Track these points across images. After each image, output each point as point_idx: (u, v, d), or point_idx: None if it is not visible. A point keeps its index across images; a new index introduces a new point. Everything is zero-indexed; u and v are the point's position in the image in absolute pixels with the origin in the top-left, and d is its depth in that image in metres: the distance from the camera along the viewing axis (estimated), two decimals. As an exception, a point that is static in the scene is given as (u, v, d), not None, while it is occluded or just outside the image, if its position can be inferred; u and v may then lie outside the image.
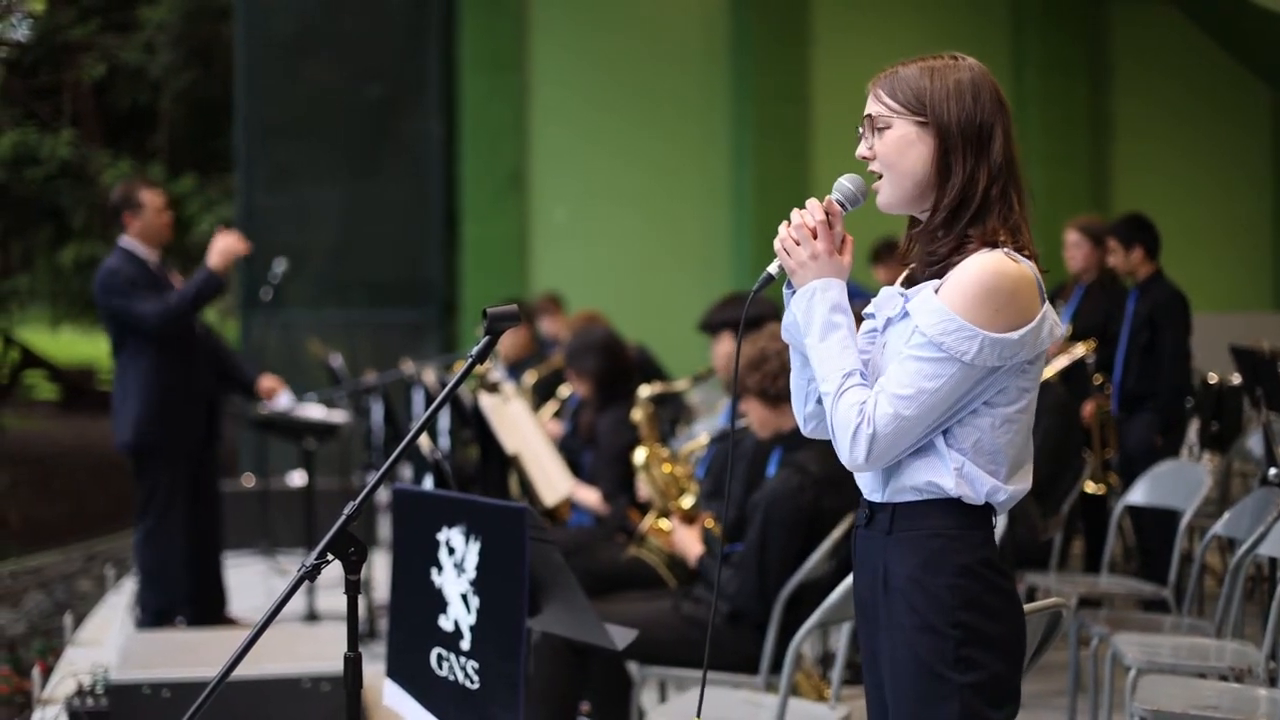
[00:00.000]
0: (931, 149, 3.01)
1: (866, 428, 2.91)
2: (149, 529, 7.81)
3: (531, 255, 13.60)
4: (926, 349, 2.90)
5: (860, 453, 2.93)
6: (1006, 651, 2.98)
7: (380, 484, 3.12)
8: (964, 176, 2.99)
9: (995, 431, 2.96)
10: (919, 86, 3.03)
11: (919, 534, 3.00)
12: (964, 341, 2.87)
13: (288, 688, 5.90)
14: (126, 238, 7.91)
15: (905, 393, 2.90)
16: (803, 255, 3.05)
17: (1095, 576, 6.98)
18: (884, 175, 3.08)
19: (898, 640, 3.02)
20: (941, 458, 2.96)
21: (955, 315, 2.88)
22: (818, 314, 3.02)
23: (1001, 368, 2.91)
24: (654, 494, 6.24)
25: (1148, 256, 8.06)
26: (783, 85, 13.68)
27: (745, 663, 5.14)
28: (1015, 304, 2.90)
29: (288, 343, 13.22)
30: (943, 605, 2.94)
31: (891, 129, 3.05)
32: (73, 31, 18.96)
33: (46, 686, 6.95)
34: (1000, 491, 2.97)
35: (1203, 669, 5.03)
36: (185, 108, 19.75)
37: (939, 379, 2.89)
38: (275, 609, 2.96)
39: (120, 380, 7.83)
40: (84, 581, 11.93)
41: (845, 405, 2.95)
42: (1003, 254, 2.93)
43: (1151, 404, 7.94)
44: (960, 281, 2.91)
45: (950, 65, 3.05)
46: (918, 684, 2.98)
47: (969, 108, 3.00)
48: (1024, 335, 2.89)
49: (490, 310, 3.16)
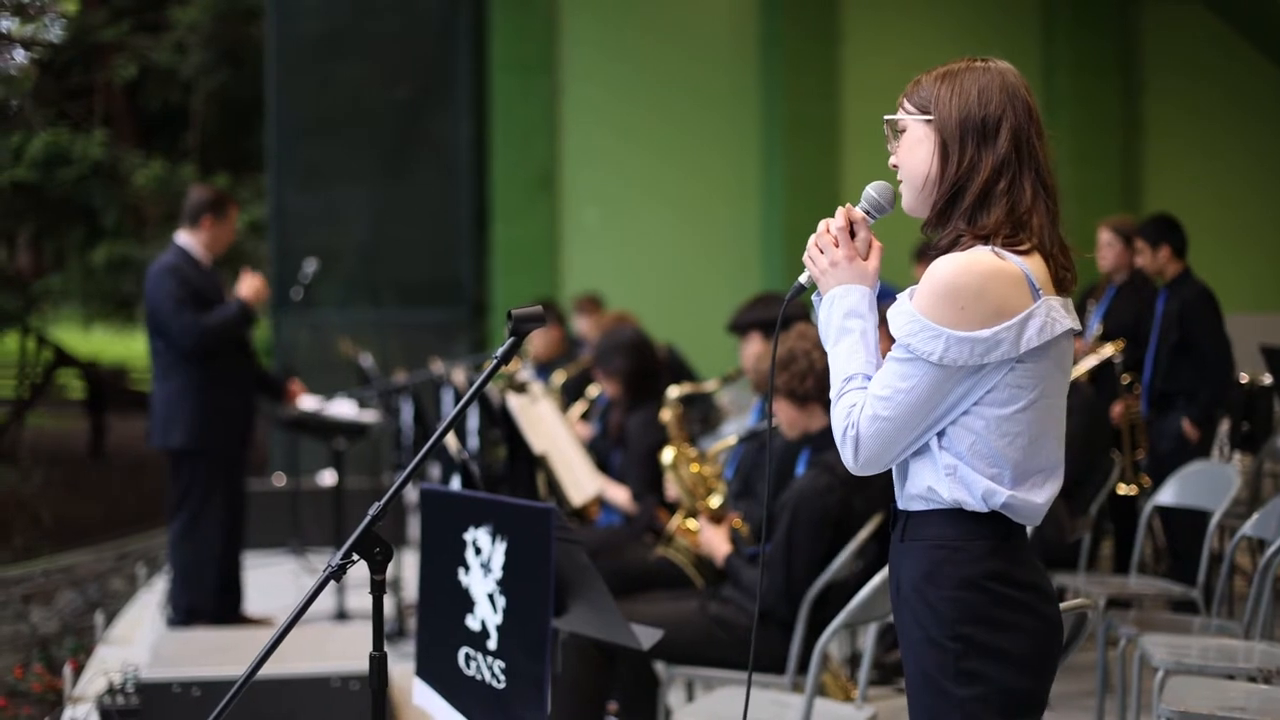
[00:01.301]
0: (934, 145, 3.02)
1: (850, 430, 2.93)
2: (185, 527, 7.84)
3: (561, 255, 13.61)
4: (898, 350, 2.91)
5: (849, 455, 2.96)
6: (1019, 664, 2.92)
7: (405, 484, 3.12)
8: (957, 168, 2.97)
9: (991, 434, 2.91)
10: (932, 89, 3.03)
11: (923, 544, 2.99)
12: (929, 341, 2.86)
13: (317, 687, 5.92)
14: (185, 235, 7.96)
15: (883, 394, 2.90)
16: (824, 263, 3.08)
17: (1124, 577, 6.96)
18: (903, 180, 3.09)
19: (908, 651, 3.02)
20: (934, 460, 2.95)
21: (920, 315, 2.88)
22: (834, 320, 3.04)
23: (985, 366, 2.87)
24: (682, 494, 6.24)
25: (1175, 256, 8.03)
26: (813, 84, 13.67)
27: (772, 663, 5.13)
28: (984, 301, 2.85)
29: (319, 343, 13.26)
30: (942, 618, 2.92)
31: (906, 132, 3.06)
32: (104, 32, 19.02)
33: (78, 684, 6.98)
34: (997, 494, 2.91)
35: (1231, 670, 5.00)
36: (216, 108, 19.83)
37: (911, 379, 2.88)
38: (301, 609, 2.96)
39: (165, 378, 7.88)
40: (116, 580, 11.98)
41: (840, 409, 2.97)
42: (984, 250, 2.91)
43: (1184, 403, 7.91)
44: (929, 281, 2.91)
45: (969, 68, 3.04)
46: (924, 696, 2.98)
47: (971, 101, 2.98)
48: (997, 333, 2.84)
49: (515, 311, 3.17)
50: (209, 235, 7.96)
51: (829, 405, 3.13)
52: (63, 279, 19.05)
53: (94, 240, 18.24)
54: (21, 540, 15.33)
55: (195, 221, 7.97)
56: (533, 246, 13.49)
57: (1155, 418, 8.09)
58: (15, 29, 20.40)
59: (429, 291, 14.15)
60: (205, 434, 7.80)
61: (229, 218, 8.06)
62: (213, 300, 7.85)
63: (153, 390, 7.99)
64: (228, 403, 7.91)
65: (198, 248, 7.95)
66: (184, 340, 7.70)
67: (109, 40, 19.01)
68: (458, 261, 14.07)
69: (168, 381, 7.84)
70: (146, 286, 7.91)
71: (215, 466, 7.87)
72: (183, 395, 7.79)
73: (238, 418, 8.02)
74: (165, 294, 7.72)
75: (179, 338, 7.70)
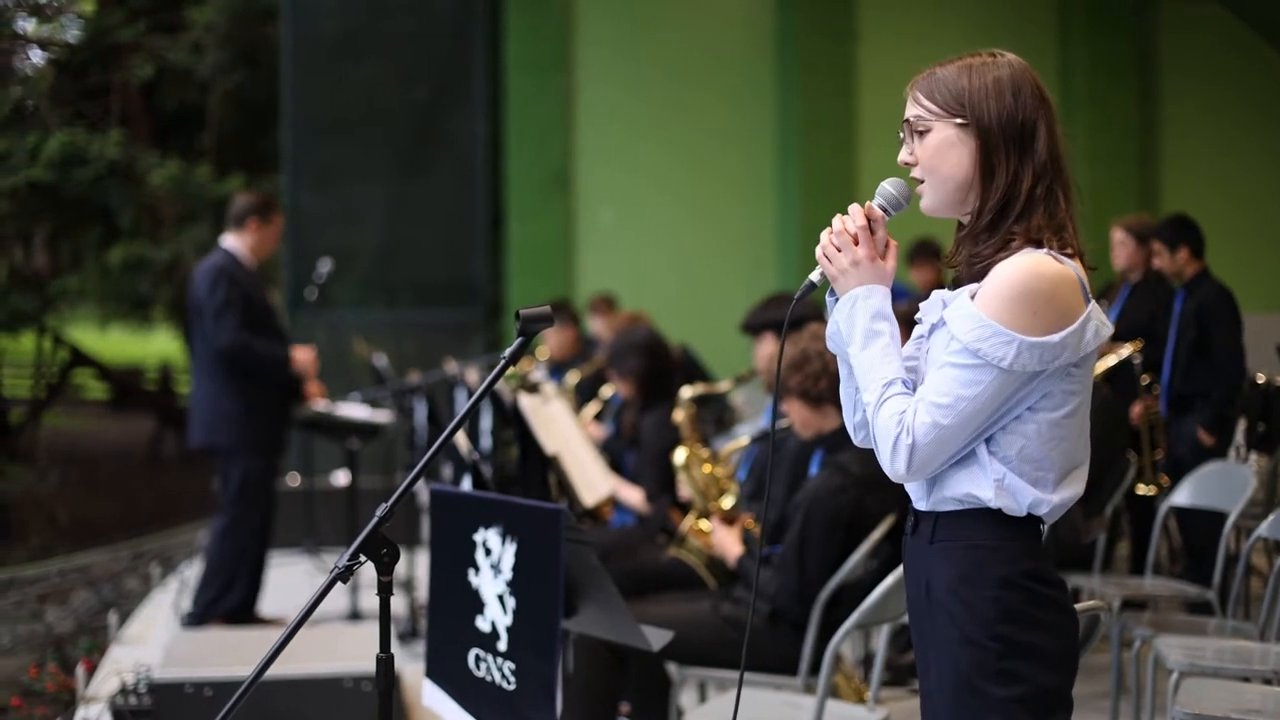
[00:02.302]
0: (973, 150, 2.96)
1: (906, 438, 2.86)
2: (228, 525, 7.97)
3: (577, 255, 13.60)
4: (963, 355, 2.85)
5: (901, 464, 2.89)
6: (1053, 662, 2.91)
7: (413, 486, 3.11)
8: (1008, 176, 2.93)
9: (1042, 438, 2.89)
10: (958, 87, 2.97)
11: (958, 545, 2.95)
12: (1000, 347, 2.81)
13: (329, 687, 5.92)
14: (231, 239, 8.13)
15: (943, 401, 2.84)
16: (844, 262, 3.01)
17: (1140, 578, 6.93)
18: (925, 180, 3.03)
19: (940, 652, 2.98)
20: (983, 468, 2.91)
21: (990, 320, 2.82)
22: (859, 322, 2.98)
23: (1044, 372, 2.84)
24: (694, 494, 6.23)
25: (1193, 256, 8.01)
26: (828, 82, 13.64)
27: (784, 664, 5.12)
28: (1054, 306, 2.83)
29: (334, 343, 13.26)
30: (982, 618, 2.89)
31: (931, 132, 2.99)
32: (121, 33, 19.03)
33: (91, 685, 6.98)
34: (1043, 504, 2.91)
35: (1246, 672, 4.98)
36: (232, 108, 19.81)
37: (977, 386, 2.83)
38: (308, 610, 2.95)
39: (208, 378, 8.00)
40: (131, 580, 11.98)
41: (885, 415, 2.90)
42: (1043, 254, 2.87)
43: (1202, 404, 7.89)
44: (996, 285, 2.85)
45: (989, 62, 2.99)
46: (958, 697, 2.94)
47: (1009, 105, 2.94)
48: (1065, 338, 2.82)
49: (523, 312, 3.15)
50: (255, 239, 8.14)
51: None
52: (79, 279, 19.07)
53: (110, 240, 18.27)
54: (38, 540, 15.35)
55: (241, 225, 8.14)
56: (548, 246, 13.49)
57: (1174, 418, 8.07)
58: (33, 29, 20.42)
59: (444, 291, 14.15)
60: (251, 433, 7.97)
61: (274, 222, 8.23)
62: (258, 302, 7.99)
63: (193, 389, 8.13)
64: (270, 401, 8.06)
65: (243, 251, 8.10)
66: (224, 344, 7.85)
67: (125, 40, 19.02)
68: (473, 261, 14.07)
69: (210, 381, 7.98)
70: (194, 286, 8.06)
71: (260, 464, 8.02)
72: (228, 394, 7.94)
73: (280, 416, 8.20)
74: (212, 294, 7.89)
75: (221, 340, 7.84)
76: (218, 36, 18.86)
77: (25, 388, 21.58)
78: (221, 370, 7.92)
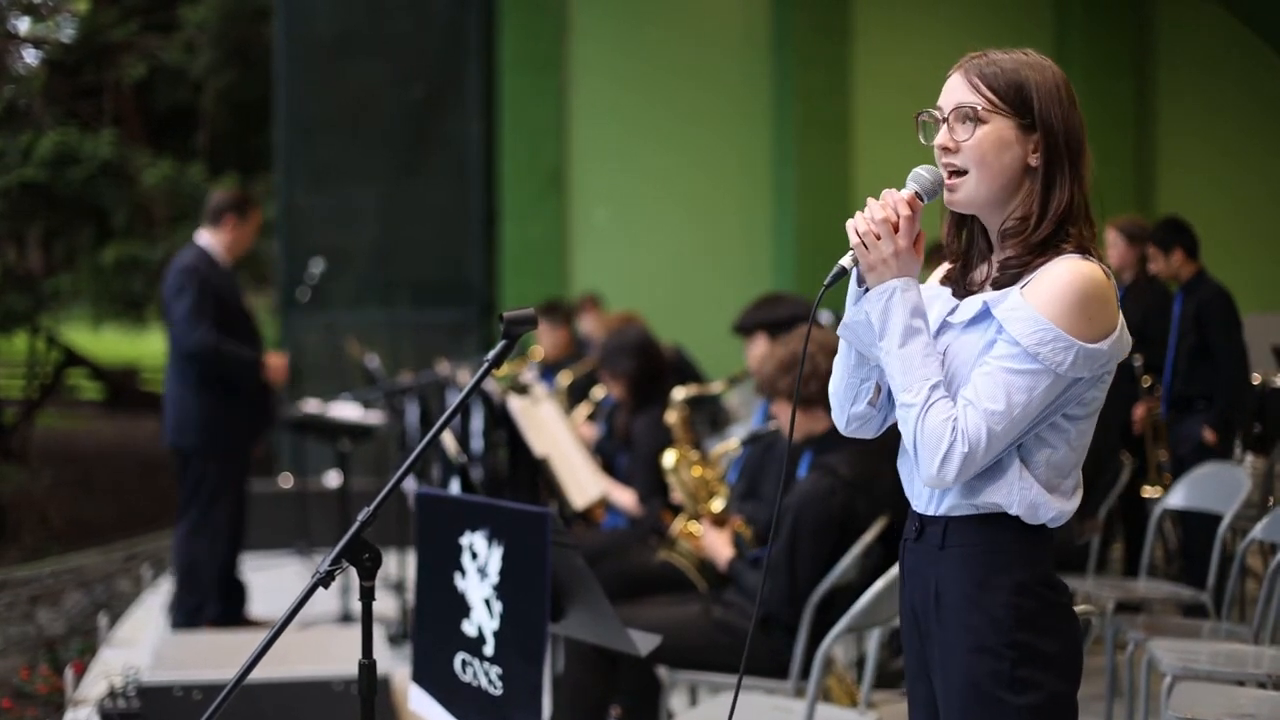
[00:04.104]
0: (1028, 154, 2.87)
1: (961, 445, 2.75)
2: (192, 527, 7.85)
3: (571, 255, 13.57)
4: (1020, 360, 2.75)
5: (951, 471, 2.77)
6: (1064, 669, 2.88)
7: (395, 490, 3.07)
8: (1068, 191, 2.85)
9: (1071, 445, 2.86)
10: (1022, 84, 2.86)
11: (973, 550, 2.89)
12: (1060, 352, 2.73)
13: (319, 690, 5.90)
14: (207, 235, 8.00)
15: (998, 408, 2.74)
16: (885, 251, 2.84)
17: (1134, 581, 6.91)
18: (970, 171, 2.88)
19: (950, 660, 2.91)
20: (1011, 475, 2.83)
21: (1051, 324, 2.74)
22: (897, 317, 2.83)
23: (1083, 379, 2.80)
24: (684, 497, 6.20)
25: (1188, 257, 7.99)
26: (825, 81, 13.60)
27: (776, 668, 5.09)
28: (1106, 312, 2.78)
29: (330, 343, 13.24)
30: (999, 625, 2.84)
31: (989, 125, 2.87)
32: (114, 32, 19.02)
33: (79, 687, 6.95)
34: (1061, 514, 2.87)
35: (1240, 676, 4.94)
36: (226, 107, 19.80)
37: (1032, 391, 2.75)
38: (290, 614, 2.92)
39: (180, 378, 7.89)
40: (123, 581, 11.95)
41: (935, 420, 2.78)
42: (1094, 261, 2.81)
43: (1203, 405, 7.88)
44: (1055, 288, 2.77)
45: (1037, 60, 2.91)
46: (971, 707, 2.88)
47: (1069, 114, 2.87)
48: (1110, 345, 2.78)
49: (506, 314, 3.11)
50: (231, 236, 8.01)
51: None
52: (72, 279, 19.03)
53: (103, 240, 18.24)
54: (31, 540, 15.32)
55: (217, 221, 8.01)
56: (542, 246, 13.46)
57: (1175, 420, 8.05)
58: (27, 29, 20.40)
59: (439, 291, 14.12)
60: (218, 434, 7.83)
61: (251, 220, 8.10)
62: (230, 302, 7.88)
63: (165, 388, 8.01)
64: (240, 403, 7.92)
65: (218, 248, 7.99)
66: (191, 346, 7.72)
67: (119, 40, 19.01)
68: (468, 261, 14.04)
69: (182, 380, 7.87)
70: (165, 284, 7.95)
71: (225, 467, 7.89)
72: (196, 395, 7.82)
73: (249, 418, 8.03)
74: (180, 295, 7.76)
75: (188, 342, 7.71)
76: (211, 36, 18.87)
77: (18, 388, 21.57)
78: (189, 371, 7.81)
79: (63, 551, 14.01)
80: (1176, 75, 14.22)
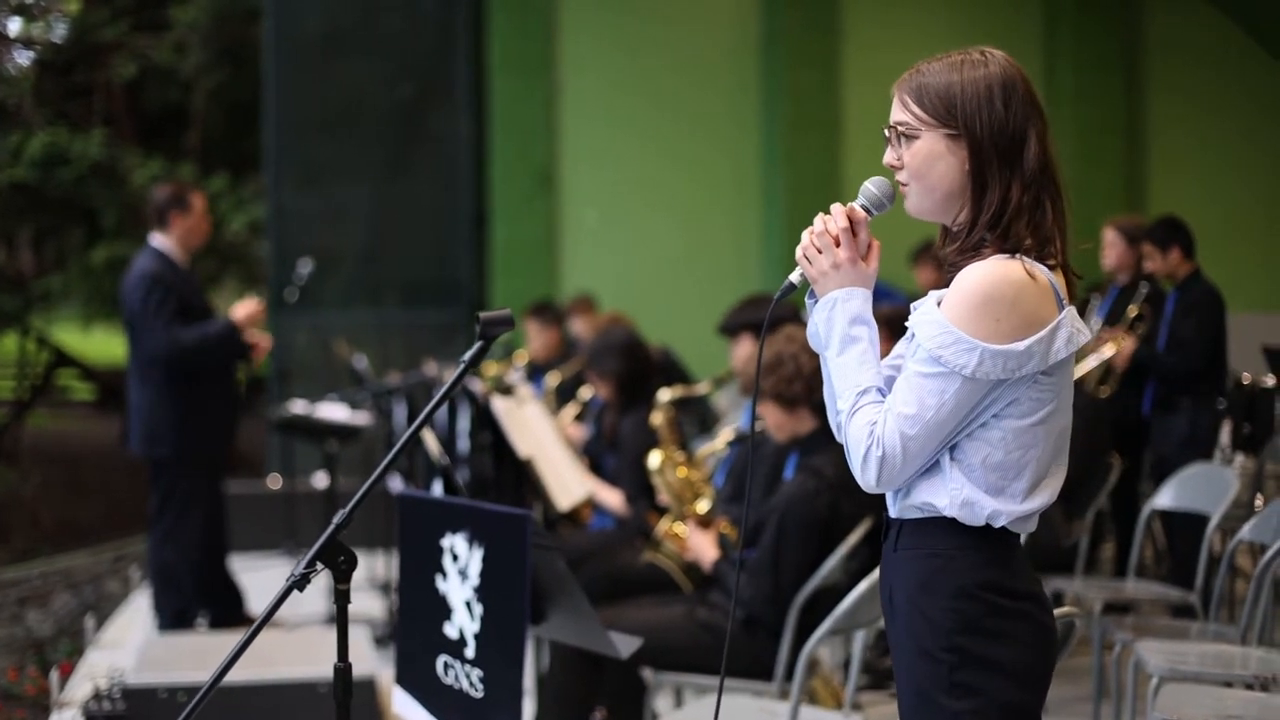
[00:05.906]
0: (963, 161, 2.89)
1: (876, 450, 2.81)
2: (166, 533, 7.77)
3: (561, 256, 13.54)
4: (928, 364, 2.79)
5: (871, 476, 2.84)
6: (1015, 677, 2.85)
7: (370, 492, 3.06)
8: (1000, 191, 2.86)
9: (1008, 446, 2.84)
10: (947, 93, 2.89)
11: (918, 553, 2.91)
12: (962, 354, 2.76)
13: (304, 692, 5.87)
14: (160, 237, 7.80)
15: (909, 412, 2.79)
16: (824, 264, 2.95)
17: (1122, 581, 6.90)
18: (911, 185, 2.96)
19: (900, 662, 2.94)
20: (942, 476, 2.86)
21: (953, 327, 2.77)
22: (837, 326, 2.92)
23: (1008, 380, 2.79)
24: (669, 498, 6.18)
25: (1185, 257, 8.01)
26: (815, 80, 13.57)
27: (761, 669, 5.08)
28: (1018, 313, 2.77)
29: (319, 344, 13.22)
30: (937, 629, 2.84)
31: (920, 140, 2.92)
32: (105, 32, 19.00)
33: (65, 689, 6.93)
34: (1002, 515, 2.84)
35: (1228, 677, 4.93)
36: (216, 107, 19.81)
37: (942, 395, 2.78)
38: (264, 619, 2.92)
39: (144, 383, 7.75)
40: (112, 583, 11.94)
41: (857, 425, 2.85)
42: (1011, 260, 2.81)
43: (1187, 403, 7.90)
44: (960, 291, 2.80)
45: (978, 63, 2.91)
46: (916, 710, 2.90)
47: (1000, 115, 2.87)
48: (1031, 345, 2.77)
49: (483, 315, 3.10)
50: (180, 231, 7.82)
51: (817, 408, 3.05)
52: (62, 279, 19.02)
53: (93, 240, 18.24)
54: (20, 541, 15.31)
55: (164, 221, 7.82)
56: (532, 246, 13.43)
57: (1160, 417, 8.05)
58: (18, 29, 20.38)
59: (429, 291, 14.10)
60: (188, 441, 7.71)
61: (194, 208, 7.87)
62: (193, 301, 7.77)
63: (129, 394, 7.87)
64: (208, 406, 7.81)
65: (172, 247, 7.81)
66: (161, 352, 7.60)
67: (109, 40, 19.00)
68: (457, 261, 14.01)
69: (146, 386, 7.73)
70: (123, 290, 7.80)
71: (197, 472, 7.79)
72: (162, 401, 7.69)
73: (219, 421, 7.92)
74: (144, 303, 7.59)
75: (157, 349, 7.59)
76: (201, 36, 18.85)
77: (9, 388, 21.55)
78: (157, 377, 7.66)
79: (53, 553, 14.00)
80: (1167, 73, 14.19)
